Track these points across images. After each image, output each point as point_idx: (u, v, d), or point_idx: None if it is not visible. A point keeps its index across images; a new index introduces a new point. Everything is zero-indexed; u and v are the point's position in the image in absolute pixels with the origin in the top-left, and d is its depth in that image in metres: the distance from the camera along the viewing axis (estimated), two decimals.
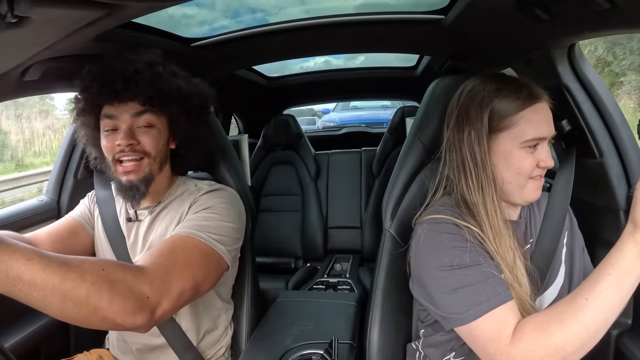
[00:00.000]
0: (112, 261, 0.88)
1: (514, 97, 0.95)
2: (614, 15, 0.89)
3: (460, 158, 0.99)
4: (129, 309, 0.82)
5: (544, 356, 0.76)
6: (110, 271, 0.82)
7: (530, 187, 0.97)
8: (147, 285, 0.87)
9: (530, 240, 1.06)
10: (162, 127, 1.22)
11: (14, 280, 0.72)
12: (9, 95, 1.21)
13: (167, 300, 0.91)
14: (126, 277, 0.84)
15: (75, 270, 0.77)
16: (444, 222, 0.95)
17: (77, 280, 0.76)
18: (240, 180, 1.47)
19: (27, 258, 0.73)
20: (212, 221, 1.13)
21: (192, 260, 1.01)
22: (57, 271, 0.75)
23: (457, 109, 1.02)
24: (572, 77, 1.25)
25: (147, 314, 0.86)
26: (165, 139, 1.24)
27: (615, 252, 0.76)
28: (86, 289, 0.77)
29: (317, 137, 4.21)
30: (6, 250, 0.72)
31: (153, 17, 1.25)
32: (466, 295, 0.86)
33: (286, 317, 1.46)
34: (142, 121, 1.17)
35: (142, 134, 1.18)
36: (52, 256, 0.76)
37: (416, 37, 1.83)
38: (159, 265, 0.94)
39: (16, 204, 1.60)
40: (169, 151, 1.28)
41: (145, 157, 1.18)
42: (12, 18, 0.69)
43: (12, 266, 0.71)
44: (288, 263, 2.82)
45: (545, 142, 0.97)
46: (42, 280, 0.73)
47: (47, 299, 0.74)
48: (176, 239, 1.06)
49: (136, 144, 1.16)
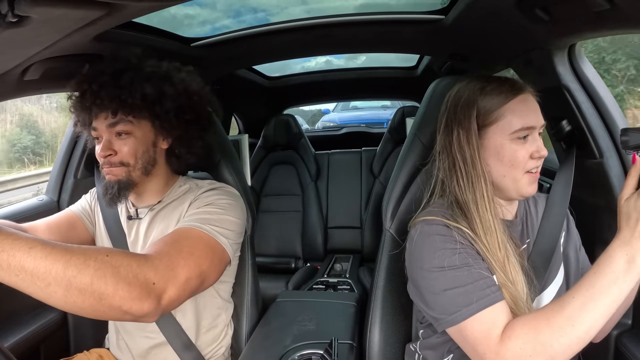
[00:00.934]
0: (116, 249, 0.87)
1: (498, 92, 0.97)
2: (614, 15, 0.89)
3: (451, 159, 1.01)
4: (135, 295, 0.81)
5: (532, 353, 0.76)
6: (114, 257, 0.81)
7: (525, 181, 0.97)
8: (153, 272, 0.86)
9: (527, 241, 1.07)
10: (143, 132, 1.20)
11: (17, 269, 0.71)
12: (9, 95, 1.21)
13: (173, 286, 0.89)
14: (131, 263, 0.83)
15: (78, 257, 0.76)
16: (434, 223, 0.96)
17: (81, 266, 0.75)
18: (240, 180, 1.47)
19: (29, 246, 0.72)
20: (215, 215, 1.14)
21: (196, 250, 1.00)
22: (60, 258, 0.74)
23: (446, 114, 1.04)
24: (572, 77, 1.25)
25: (153, 301, 0.84)
26: (149, 143, 1.22)
27: (603, 255, 0.78)
28: (90, 275, 0.75)
29: (317, 137, 4.20)
30: (7, 239, 0.72)
31: (155, 16, 1.25)
32: (456, 297, 0.86)
33: (286, 317, 1.46)
34: (117, 130, 1.17)
35: (120, 143, 1.17)
36: (54, 244, 0.76)
37: (416, 37, 1.83)
38: (163, 253, 0.93)
39: (16, 204, 1.60)
40: (160, 152, 1.26)
41: (123, 166, 1.18)
42: (12, 17, 0.70)
43: (14, 255, 0.71)
44: (288, 263, 2.82)
45: (535, 132, 0.97)
46: (45, 267, 0.72)
47: (51, 287, 0.73)
48: (179, 231, 1.06)
49: (113, 154, 1.17)
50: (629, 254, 0.75)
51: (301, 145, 3.11)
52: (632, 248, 0.75)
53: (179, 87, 1.21)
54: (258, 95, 3.18)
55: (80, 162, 1.69)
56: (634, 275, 0.75)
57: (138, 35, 1.42)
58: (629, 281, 0.75)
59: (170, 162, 1.30)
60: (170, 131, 1.23)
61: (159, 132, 1.23)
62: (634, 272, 0.74)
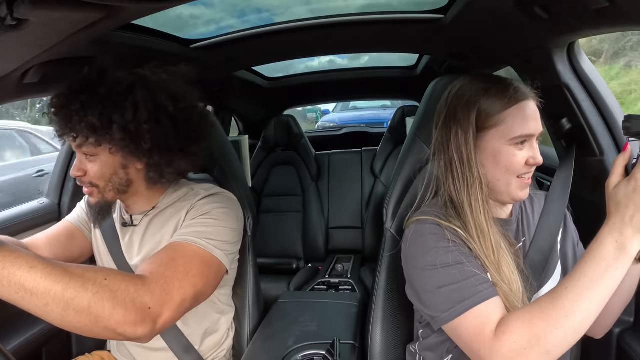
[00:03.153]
0: (114, 270, 0.88)
1: (501, 96, 0.96)
2: (613, 13, 0.89)
3: (448, 158, 1.00)
4: (131, 320, 0.82)
5: (527, 346, 0.76)
6: (112, 281, 0.82)
7: (516, 186, 0.97)
8: (149, 296, 0.87)
9: (523, 239, 1.07)
10: (109, 154, 1.12)
11: (16, 287, 0.72)
12: (9, 98, 1.21)
13: (168, 310, 0.90)
14: (128, 287, 0.84)
15: (77, 279, 0.77)
16: (427, 222, 0.96)
17: (80, 289, 0.77)
18: (240, 182, 1.47)
19: (30, 265, 0.74)
20: (210, 227, 1.12)
21: (192, 269, 1.01)
22: (60, 280, 0.75)
23: (445, 110, 1.03)
24: (572, 75, 1.25)
25: (148, 325, 0.86)
26: (117, 166, 1.14)
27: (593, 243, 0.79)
28: (88, 299, 0.77)
29: (318, 138, 4.21)
30: (9, 257, 0.73)
31: (161, 17, 1.24)
32: (449, 294, 0.87)
33: (288, 318, 1.46)
34: (84, 152, 1.13)
35: (89, 164, 1.13)
36: (54, 264, 0.77)
37: (416, 37, 1.83)
38: (159, 275, 0.93)
39: (17, 207, 1.60)
40: (134, 173, 1.18)
41: (94, 187, 1.15)
42: (11, 21, 0.70)
43: (15, 273, 0.72)
44: (289, 264, 2.82)
45: (533, 140, 0.97)
46: (44, 288, 0.74)
47: (49, 307, 0.75)
48: (175, 247, 1.05)
49: (83, 175, 1.14)
50: (619, 240, 0.76)
51: (301, 145, 3.11)
52: (621, 235, 0.76)
53: (142, 106, 1.09)
54: (257, 96, 3.18)
55: None
56: (625, 261, 0.75)
57: (137, 38, 1.42)
58: (620, 268, 0.75)
59: (150, 179, 1.20)
60: (139, 153, 1.13)
61: (128, 155, 1.13)
62: (624, 258, 0.75)
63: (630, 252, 0.75)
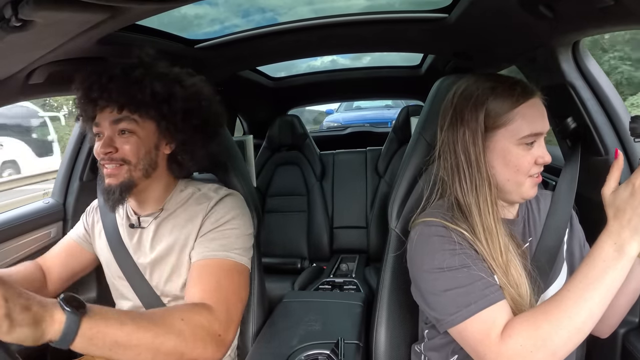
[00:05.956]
0: (183, 307, 0.99)
1: (509, 94, 0.95)
2: (618, 11, 0.88)
3: (455, 159, 0.99)
4: (210, 350, 0.95)
5: (533, 349, 0.77)
6: (189, 321, 0.93)
7: (528, 185, 0.97)
8: (217, 324, 0.99)
9: (529, 239, 1.06)
10: (146, 133, 1.17)
11: (111, 345, 0.79)
12: (14, 99, 1.22)
13: (232, 331, 1.04)
14: (202, 322, 0.95)
15: (161, 327, 0.87)
16: (434, 224, 0.95)
17: (166, 335, 0.87)
18: (245, 182, 1.47)
19: (120, 323, 0.81)
20: (233, 237, 1.18)
21: (237, 286, 1.12)
22: (148, 330, 0.84)
23: (451, 110, 1.01)
24: (577, 74, 1.24)
25: (222, 349, 0.99)
26: (152, 145, 1.19)
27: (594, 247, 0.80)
28: (174, 341, 0.88)
29: (322, 137, 4.20)
30: (101, 320, 0.79)
31: (166, 16, 1.26)
32: (455, 297, 0.87)
33: (292, 318, 1.46)
34: (120, 128, 1.15)
35: (122, 141, 1.15)
36: (139, 316, 0.87)
37: (420, 36, 1.83)
38: (220, 302, 1.04)
39: (22, 207, 1.60)
40: (162, 156, 1.23)
41: (125, 164, 1.16)
42: (16, 22, 0.70)
43: (107, 333, 0.78)
44: (294, 263, 2.82)
45: (541, 138, 0.97)
46: (137, 340, 0.82)
47: (141, 356, 0.84)
48: (215, 266, 1.13)
49: (114, 151, 1.14)
50: (617, 242, 0.77)
51: (306, 145, 3.11)
52: (619, 237, 0.77)
53: (189, 91, 1.20)
54: (262, 96, 3.19)
55: (86, 164, 1.69)
56: (623, 262, 0.76)
57: (141, 38, 1.42)
58: (619, 268, 0.76)
59: (171, 168, 1.27)
60: (175, 135, 1.21)
61: (162, 136, 1.20)
62: (624, 259, 0.76)
63: (628, 253, 0.76)
